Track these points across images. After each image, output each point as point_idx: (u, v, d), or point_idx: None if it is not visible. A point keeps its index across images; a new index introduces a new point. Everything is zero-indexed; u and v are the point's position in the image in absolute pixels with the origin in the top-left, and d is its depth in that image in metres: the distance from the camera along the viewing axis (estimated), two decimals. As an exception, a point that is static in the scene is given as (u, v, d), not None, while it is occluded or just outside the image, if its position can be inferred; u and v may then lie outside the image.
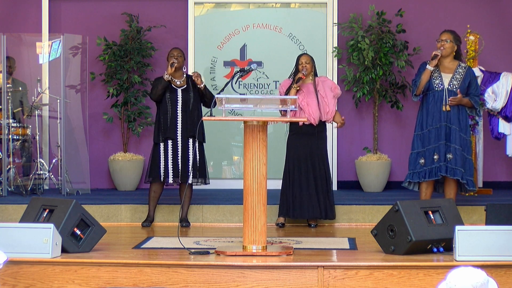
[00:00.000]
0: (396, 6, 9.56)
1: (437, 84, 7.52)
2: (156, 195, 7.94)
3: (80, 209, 6.13)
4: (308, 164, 7.88)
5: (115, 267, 5.63)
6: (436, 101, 7.52)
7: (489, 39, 9.42)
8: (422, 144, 7.58)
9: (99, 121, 9.81)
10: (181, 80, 7.92)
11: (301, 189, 7.85)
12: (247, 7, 10.08)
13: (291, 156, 7.93)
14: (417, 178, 7.57)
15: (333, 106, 7.94)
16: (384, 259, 5.79)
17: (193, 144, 7.83)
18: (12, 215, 7.98)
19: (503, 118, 9.12)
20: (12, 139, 8.85)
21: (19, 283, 5.62)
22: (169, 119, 7.83)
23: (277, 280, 5.52)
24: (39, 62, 9.69)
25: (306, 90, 7.87)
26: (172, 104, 7.84)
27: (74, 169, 9.15)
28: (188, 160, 7.79)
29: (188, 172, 7.76)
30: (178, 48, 8.03)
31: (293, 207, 7.84)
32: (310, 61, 7.91)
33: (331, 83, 8.08)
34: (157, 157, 7.84)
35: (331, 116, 7.94)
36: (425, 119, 7.58)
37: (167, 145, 7.83)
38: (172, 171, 7.81)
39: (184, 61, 7.98)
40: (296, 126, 7.89)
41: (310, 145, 7.90)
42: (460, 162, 7.46)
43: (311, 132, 7.89)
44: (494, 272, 5.38)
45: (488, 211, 6.53)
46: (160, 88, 7.82)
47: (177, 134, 7.82)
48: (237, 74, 6.99)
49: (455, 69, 7.55)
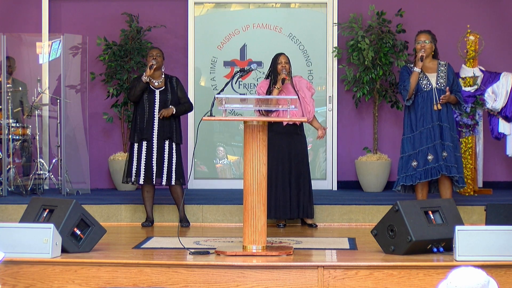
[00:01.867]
0: (396, 6, 9.56)
1: (425, 84, 7.55)
2: (150, 194, 7.95)
3: (80, 209, 6.13)
4: (290, 163, 7.88)
5: (115, 267, 5.63)
6: (426, 101, 7.55)
7: (489, 39, 9.42)
8: (412, 146, 7.59)
9: (99, 121, 9.81)
10: (159, 81, 7.92)
11: (283, 188, 7.84)
12: (247, 7, 10.08)
13: (272, 156, 7.90)
14: (411, 180, 7.57)
15: (313, 105, 7.96)
16: (384, 259, 5.79)
17: (169, 146, 7.83)
18: (12, 215, 7.98)
19: (503, 118, 9.12)
20: (12, 139, 8.85)
21: (19, 283, 5.62)
22: (146, 120, 7.82)
23: (277, 280, 5.52)
24: (39, 62, 9.69)
25: (286, 90, 7.86)
26: (149, 105, 7.84)
27: (74, 169, 9.15)
28: (163, 161, 7.79)
29: (163, 174, 7.76)
30: (157, 48, 8.07)
31: (275, 207, 7.80)
32: (288, 61, 7.93)
33: (306, 83, 8.09)
34: (131, 157, 7.86)
35: (311, 116, 7.94)
36: (414, 121, 7.60)
37: (141, 146, 7.83)
38: (144, 172, 7.80)
39: (163, 61, 7.99)
40: (279, 125, 7.88)
41: (291, 144, 7.90)
42: (453, 160, 7.49)
43: (293, 131, 7.91)
44: (494, 272, 5.38)
45: (488, 211, 6.53)
46: (139, 90, 7.82)
47: (153, 135, 7.82)
48: (237, 74, 6.98)
49: (437, 67, 7.60)
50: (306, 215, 7.93)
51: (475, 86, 9.00)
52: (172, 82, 7.95)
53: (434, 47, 7.65)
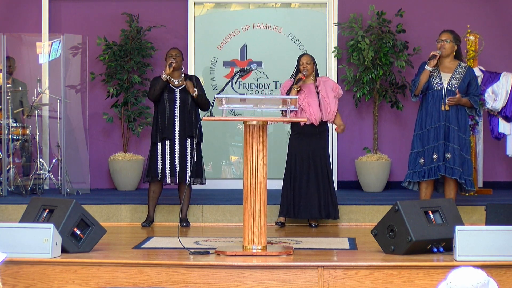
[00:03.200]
0: (396, 6, 9.56)
1: (436, 83, 7.53)
2: (155, 195, 7.94)
3: (80, 209, 6.13)
4: (310, 164, 7.88)
5: (115, 267, 5.63)
6: (435, 100, 7.52)
7: (489, 39, 9.42)
8: (421, 143, 7.58)
9: (99, 121, 9.81)
10: (179, 80, 7.91)
11: (302, 189, 7.86)
12: (247, 7, 10.08)
13: (293, 156, 7.93)
14: (417, 177, 7.57)
15: (335, 106, 7.93)
16: (384, 259, 5.79)
17: (191, 144, 7.83)
18: (12, 215, 7.98)
19: (503, 118, 9.12)
20: (12, 139, 8.85)
21: (19, 283, 5.62)
22: (167, 119, 7.82)
23: (277, 280, 5.52)
24: (39, 62, 9.69)
25: (307, 91, 7.87)
26: (170, 104, 7.84)
27: (74, 169, 9.15)
28: (186, 160, 7.80)
29: (186, 172, 7.77)
30: (177, 48, 8.02)
31: (294, 207, 7.84)
32: (311, 61, 7.91)
33: (332, 83, 8.08)
34: (154, 157, 7.85)
35: (332, 116, 7.93)
36: (424, 118, 7.59)
37: (165, 145, 7.83)
38: (169, 171, 7.81)
39: (182, 61, 7.97)
40: (298, 126, 7.89)
41: (312, 145, 7.90)
42: (458, 162, 7.46)
43: (312, 132, 7.89)
44: (494, 272, 5.38)
45: (488, 211, 6.53)
46: (158, 88, 7.81)
47: (174, 134, 7.82)
48: (237, 74, 6.98)
49: (455, 68, 7.56)
50: (328, 216, 7.90)
51: (475, 86, 9.00)
52: (192, 81, 7.93)
53: (457, 47, 7.58)
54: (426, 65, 7.50)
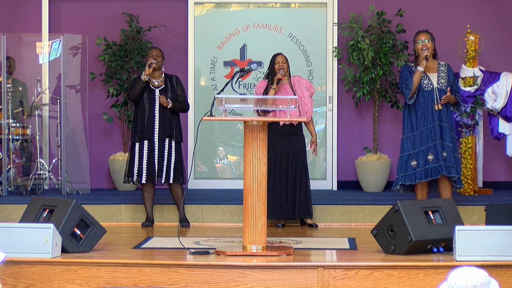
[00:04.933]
0: (396, 6, 9.56)
1: (427, 84, 7.55)
2: (150, 195, 7.95)
3: (80, 209, 6.13)
4: (288, 164, 7.88)
5: (115, 267, 5.63)
6: (427, 101, 7.54)
7: (489, 39, 9.42)
8: (412, 146, 7.59)
9: (99, 121, 9.81)
10: (159, 80, 7.93)
11: (280, 189, 7.84)
12: (247, 7, 10.08)
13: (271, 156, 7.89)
14: (410, 180, 7.57)
15: (311, 105, 7.96)
16: (384, 259, 5.79)
17: (169, 144, 7.83)
18: (12, 215, 7.98)
19: (503, 118, 9.12)
20: (12, 139, 8.85)
21: (19, 283, 5.62)
22: (146, 119, 7.83)
23: (277, 280, 5.52)
24: (39, 62, 9.69)
25: (284, 91, 7.87)
26: (149, 104, 7.86)
27: (74, 169, 9.15)
28: (163, 160, 7.79)
29: (162, 172, 7.76)
30: (158, 48, 8.09)
31: (273, 208, 7.78)
32: (286, 61, 7.94)
33: (306, 83, 8.08)
34: (133, 157, 7.86)
35: (310, 116, 7.94)
36: (415, 120, 7.59)
37: (143, 145, 7.83)
38: (146, 171, 7.80)
39: (163, 61, 8.00)
40: (277, 125, 7.88)
41: (290, 144, 7.90)
42: (453, 160, 7.49)
43: (291, 132, 7.91)
44: (494, 272, 5.38)
45: (488, 211, 6.53)
46: (138, 89, 7.84)
47: (154, 134, 7.83)
48: (237, 74, 6.99)
49: (437, 67, 7.60)
50: (304, 215, 7.92)
51: (475, 86, 9.00)
52: (172, 81, 7.96)
53: (433, 46, 7.65)
54: (417, 66, 7.53)
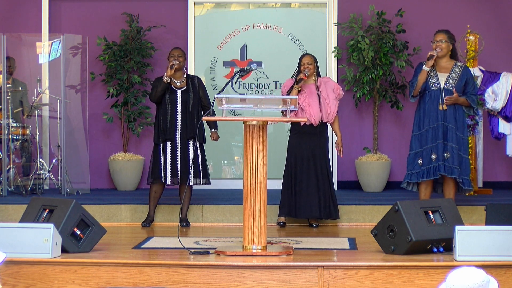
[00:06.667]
0: (396, 6, 9.56)
1: (434, 83, 7.54)
2: (157, 195, 7.94)
3: (80, 209, 6.13)
4: (310, 164, 7.88)
5: (115, 267, 5.63)
6: (433, 100, 7.53)
7: (489, 39, 9.42)
8: (419, 144, 7.59)
9: (99, 121, 9.81)
10: (181, 81, 7.89)
11: (302, 188, 7.86)
12: (247, 7, 10.08)
13: (293, 156, 7.93)
14: (416, 178, 7.57)
15: (335, 107, 7.94)
16: (384, 259, 5.79)
17: (193, 145, 7.81)
18: (12, 215, 7.98)
19: (503, 118, 9.12)
20: (12, 139, 8.84)
21: (19, 283, 5.62)
22: (169, 120, 7.81)
23: (277, 280, 5.52)
24: (39, 62, 9.69)
25: (308, 91, 7.87)
26: (171, 105, 7.82)
27: (74, 169, 9.15)
28: (188, 161, 7.78)
29: (189, 173, 7.74)
30: (179, 48, 7.99)
31: (295, 207, 7.83)
32: (312, 62, 7.91)
33: (333, 84, 8.07)
34: (157, 158, 7.84)
35: (332, 117, 7.94)
36: (422, 119, 7.60)
37: (166, 146, 7.82)
38: (170, 172, 7.79)
39: (185, 61, 7.94)
40: (298, 126, 7.89)
41: (312, 145, 7.90)
42: (456, 161, 7.47)
43: (312, 132, 7.90)
44: (494, 272, 5.37)
45: (488, 211, 6.53)
46: (160, 90, 7.78)
47: (176, 135, 7.80)
48: (237, 74, 6.99)
49: (452, 68, 7.57)
50: (329, 216, 7.90)
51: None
52: (194, 82, 7.90)
53: (452, 47, 7.60)
54: (424, 65, 7.52)
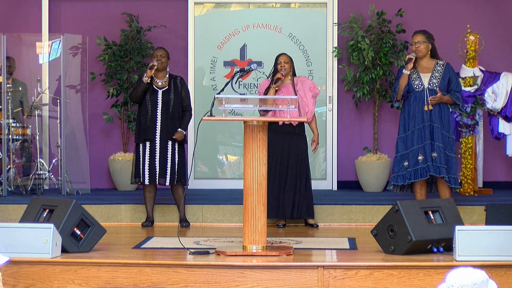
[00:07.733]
0: (396, 6, 9.56)
1: (417, 85, 7.56)
2: (151, 195, 7.94)
3: (80, 209, 6.13)
4: (289, 163, 7.88)
5: (115, 267, 5.63)
6: (418, 102, 7.55)
7: (489, 39, 9.42)
8: (405, 146, 7.60)
9: (99, 121, 9.81)
10: (163, 81, 7.89)
11: (279, 188, 7.84)
12: (247, 7, 10.08)
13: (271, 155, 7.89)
14: (401, 180, 7.59)
15: (312, 106, 7.97)
16: (384, 259, 5.79)
17: (172, 146, 7.81)
18: (12, 215, 7.98)
19: (503, 118, 9.12)
20: (12, 139, 8.85)
21: (19, 283, 5.62)
22: (149, 120, 7.80)
23: (277, 280, 5.52)
24: (39, 62, 9.69)
25: (285, 90, 7.87)
26: (152, 106, 7.81)
27: (74, 169, 9.15)
28: (166, 161, 7.78)
29: (166, 174, 7.75)
30: (163, 48, 8.02)
31: (272, 207, 7.77)
32: (289, 61, 7.93)
33: (310, 83, 8.08)
34: (137, 158, 7.85)
35: (310, 116, 7.95)
36: (407, 121, 7.62)
37: (145, 146, 7.82)
38: (148, 172, 7.79)
39: (168, 61, 7.95)
40: (276, 125, 7.87)
41: (292, 144, 7.90)
42: (443, 160, 7.47)
43: (291, 132, 7.91)
44: (494, 272, 5.38)
45: (488, 211, 6.53)
46: (140, 91, 7.79)
47: (155, 135, 7.80)
48: (237, 74, 6.99)
49: (434, 67, 7.60)
50: (305, 215, 7.91)
51: (475, 86, 9.00)
52: (177, 82, 7.91)
53: (432, 46, 7.63)
54: (404, 69, 7.54)
